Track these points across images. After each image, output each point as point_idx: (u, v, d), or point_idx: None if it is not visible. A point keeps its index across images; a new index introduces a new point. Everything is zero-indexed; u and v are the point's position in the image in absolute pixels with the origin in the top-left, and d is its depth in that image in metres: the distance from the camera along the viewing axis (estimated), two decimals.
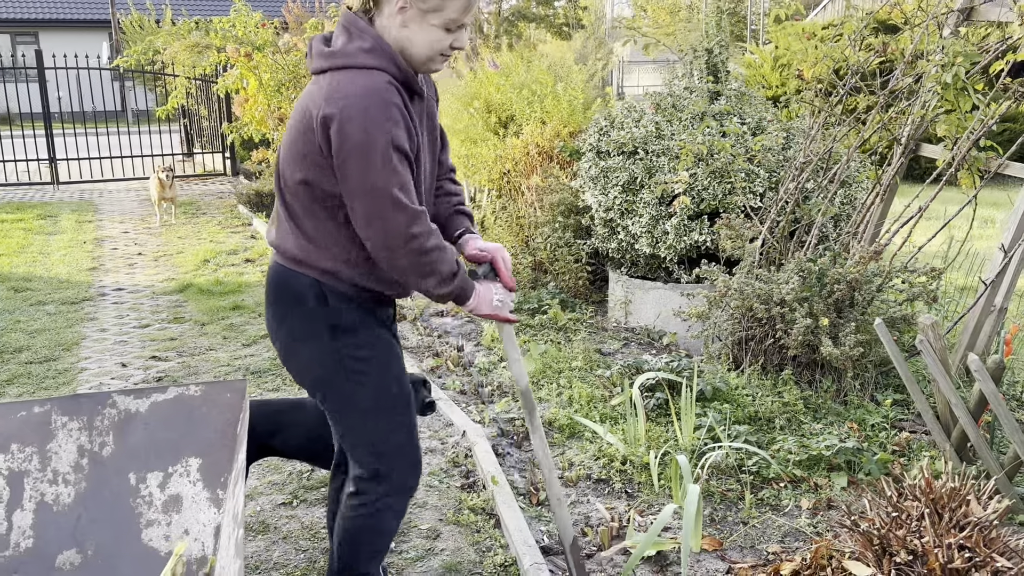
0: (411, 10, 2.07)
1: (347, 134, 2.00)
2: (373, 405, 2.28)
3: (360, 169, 2.01)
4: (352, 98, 2.01)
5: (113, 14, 24.97)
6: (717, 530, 3.05)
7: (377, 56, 2.07)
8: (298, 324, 2.23)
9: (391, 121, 2.01)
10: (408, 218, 2.04)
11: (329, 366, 2.24)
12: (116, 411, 2.31)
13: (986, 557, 2.24)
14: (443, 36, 2.11)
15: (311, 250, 2.17)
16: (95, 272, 7.38)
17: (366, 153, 2.00)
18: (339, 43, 2.10)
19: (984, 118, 3.92)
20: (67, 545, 2.18)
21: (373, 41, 2.08)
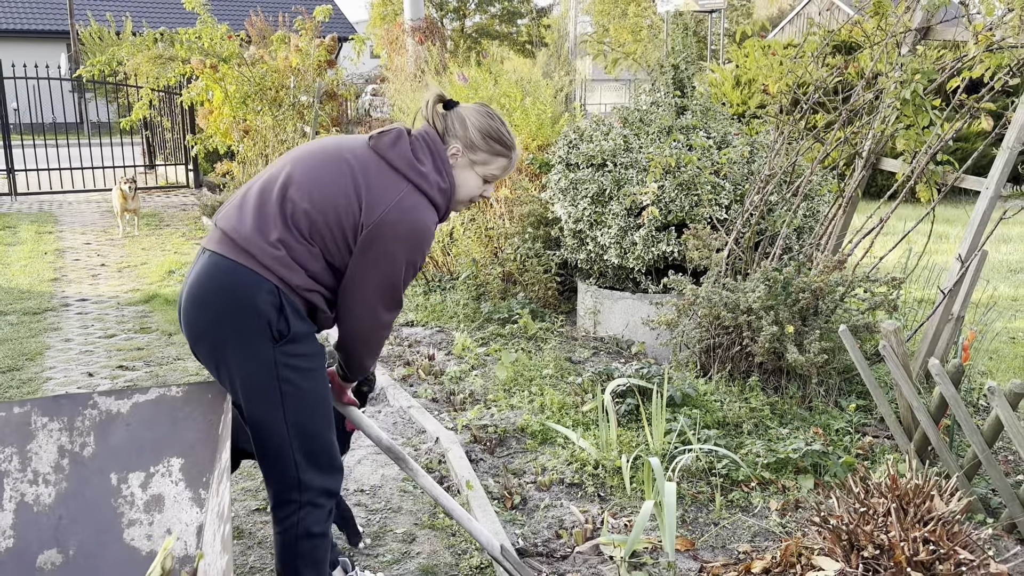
0: (461, 158, 2.37)
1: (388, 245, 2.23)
2: (301, 415, 2.29)
3: (381, 271, 2.25)
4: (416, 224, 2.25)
5: (72, 25, 24.69)
6: (689, 531, 3.11)
7: (444, 198, 2.35)
8: (242, 326, 2.20)
9: (423, 252, 2.31)
10: (396, 311, 2.36)
11: (264, 372, 2.23)
12: (97, 412, 2.31)
13: (949, 550, 2.33)
14: (481, 185, 2.42)
15: (286, 261, 2.20)
16: (57, 283, 7.29)
17: (393, 263, 2.25)
18: (428, 164, 2.31)
19: (941, 133, 4.07)
20: (48, 545, 2.17)
21: (449, 183, 2.36)
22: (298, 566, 2.39)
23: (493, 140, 2.37)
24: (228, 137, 10.69)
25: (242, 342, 2.21)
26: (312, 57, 10.30)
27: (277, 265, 2.20)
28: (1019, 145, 3.78)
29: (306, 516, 2.36)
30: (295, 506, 2.35)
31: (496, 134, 2.37)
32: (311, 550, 2.39)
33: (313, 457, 2.33)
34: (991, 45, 3.83)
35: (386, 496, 3.47)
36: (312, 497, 2.35)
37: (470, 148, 2.36)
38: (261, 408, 2.27)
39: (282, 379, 2.24)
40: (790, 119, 4.54)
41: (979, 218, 3.92)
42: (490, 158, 2.38)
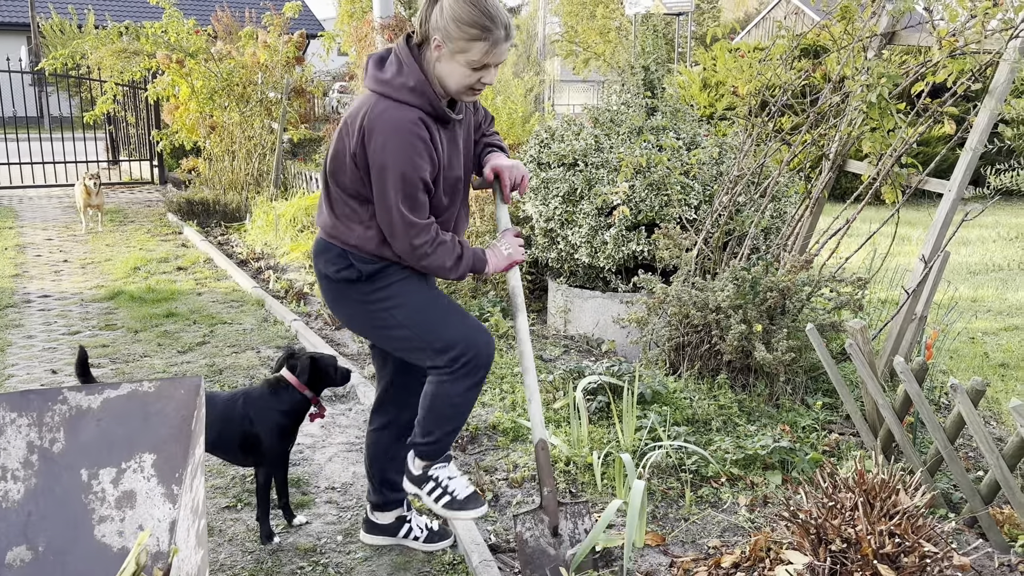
0: (444, 49, 2.40)
1: (376, 156, 2.39)
2: (414, 321, 2.57)
3: (380, 187, 2.42)
4: (387, 127, 2.38)
5: (33, 18, 24.27)
6: (659, 526, 3.14)
7: (417, 94, 2.41)
8: (331, 283, 2.61)
9: (414, 152, 2.38)
10: (413, 232, 2.44)
11: (363, 308, 2.61)
12: (67, 407, 2.28)
13: (914, 543, 2.38)
14: (470, 73, 2.43)
15: (339, 227, 2.55)
16: (18, 279, 7.17)
17: (385, 176, 2.40)
18: (390, 72, 2.43)
19: (906, 136, 4.14)
20: (17, 542, 2.14)
21: (416, 80, 2.41)
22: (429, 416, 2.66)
23: (466, 24, 2.35)
24: (194, 133, 10.58)
25: (335, 293, 2.64)
26: (280, 53, 10.23)
27: (334, 232, 2.56)
28: (981, 148, 3.86)
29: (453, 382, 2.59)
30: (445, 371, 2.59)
31: (470, 18, 2.35)
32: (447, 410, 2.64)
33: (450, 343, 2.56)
34: (954, 51, 3.91)
35: (357, 493, 3.46)
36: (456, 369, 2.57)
37: (448, 38, 2.38)
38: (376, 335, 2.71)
39: (377, 307, 2.58)
40: (759, 121, 4.60)
41: (942, 220, 4.00)
42: (467, 44, 2.38)
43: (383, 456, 2.96)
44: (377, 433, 2.95)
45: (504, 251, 2.70)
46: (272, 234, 8.49)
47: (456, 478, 2.77)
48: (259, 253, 8.12)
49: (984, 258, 8.36)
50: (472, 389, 2.64)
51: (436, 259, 2.51)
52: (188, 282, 7.04)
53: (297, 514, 3.23)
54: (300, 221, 8.40)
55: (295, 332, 5.55)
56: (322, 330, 5.65)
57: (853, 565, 2.40)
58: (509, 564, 2.92)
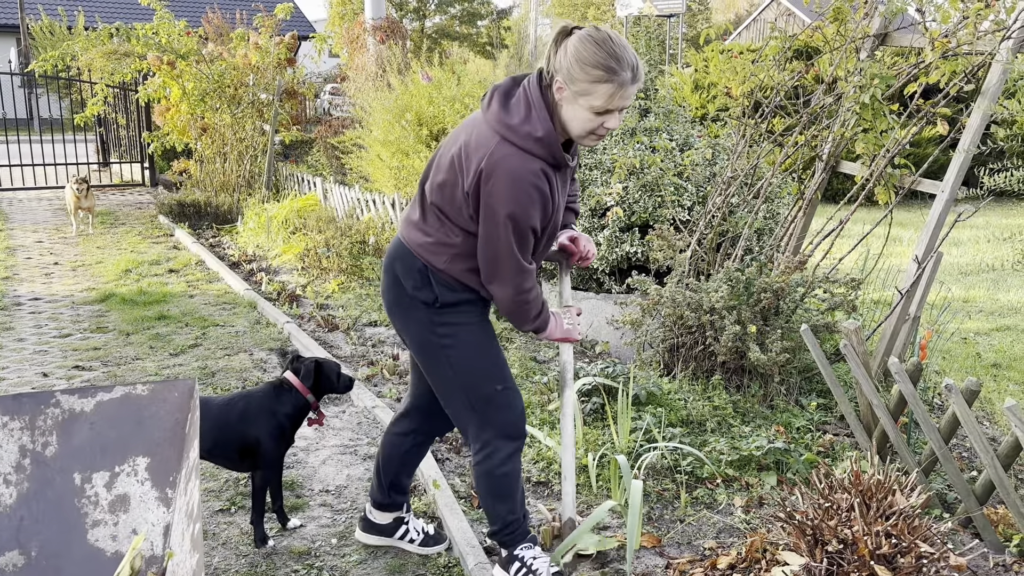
0: (566, 91, 2.28)
1: (492, 200, 2.30)
2: (466, 367, 2.55)
3: (491, 230, 2.34)
4: (508, 176, 2.28)
5: (22, 19, 24.13)
6: (655, 527, 3.14)
7: (543, 146, 2.30)
8: (403, 292, 2.54)
9: (531, 203, 2.30)
10: (521, 276, 2.40)
11: (423, 331, 2.54)
12: (60, 411, 2.26)
13: (911, 543, 2.38)
14: (593, 118, 2.29)
15: (429, 246, 2.48)
16: (8, 281, 7.12)
17: (498, 221, 2.31)
18: (516, 118, 2.31)
19: (899, 137, 4.15)
20: (9, 547, 2.12)
21: (545, 130, 2.30)
22: (488, 499, 2.69)
23: (591, 67, 2.21)
24: (185, 135, 10.54)
25: (405, 305, 2.56)
26: (272, 55, 10.20)
27: (422, 250, 2.49)
28: (974, 149, 3.87)
29: (491, 455, 2.60)
30: (479, 444, 2.62)
31: (594, 60, 2.20)
32: (498, 486, 2.64)
33: (482, 408, 2.58)
34: (946, 52, 3.92)
35: (351, 496, 3.45)
36: (490, 438, 2.60)
37: (570, 79, 2.24)
38: (429, 365, 2.60)
39: (440, 336, 2.53)
40: (751, 123, 4.60)
41: (935, 220, 4.01)
42: (590, 87, 2.22)
43: (398, 460, 2.95)
44: (399, 437, 2.93)
45: (565, 324, 2.65)
46: (264, 236, 8.46)
47: (540, 558, 2.74)
48: (251, 255, 8.09)
49: (976, 258, 8.40)
50: (511, 458, 2.65)
51: (531, 308, 2.48)
52: (180, 284, 7.01)
53: (291, 517, 3.21)
54: (292, 223, 8.37)
55: (288, 334, 5.53)
56: (314, 332, 5.63)
57: (850, 566, 2.40)
58: None
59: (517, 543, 2.72)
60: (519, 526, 2.72)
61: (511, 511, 2.69)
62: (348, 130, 9.90)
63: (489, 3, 39.30)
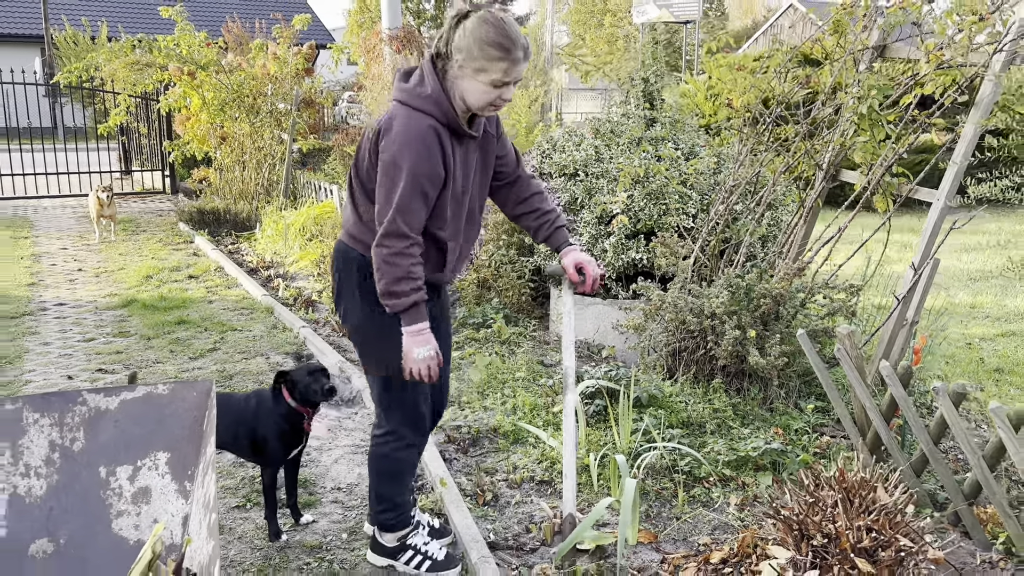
0: (466, 67, 2.53)
1: (387, 153, 2.53)
2: (387, 363, 2.74)
3: (386, 182, 2.54)
4: (401, 129, 2.52)
5: (47, 30, 24.57)
6: (652, 525, 3.26)
7: (431, 103, 2.54)
8: (345, 287, 2.76)
9: (421, 157, 2.51)
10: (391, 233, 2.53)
11: (363, 323, 2.76)
12: (86, 408, 2.42)
13: (891, 537, 2.49)
14: (490, 90, 2.54)
15: (361, 229, 2.69)
16: (34, 287, 7.33)
17: (391, 172, 2.52)
18: (412, 82, 2.59)
19: (896, 146, 4.25)
20: (39, 535, 2.28)
21: (433, 89, 2.55)
22: (380, 478, 2.92)
23: (488, 45, 2.48)
24: (205, 144, 10.76)
25: (347, 298, 2.77)
26: (290, 65, 10.41)
27: (356, 232, 2.70)
28: (968, 158, 3.97)
29: (391, 440, 2.88)
30: (383, 429, 2.89)
31: (491, 39, 2.47)
32: (392, 468, 2.91)
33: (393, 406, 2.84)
34: (941, 64, 4.02)
35: (361, 494, 3.59)
36: (396, 426, 2.86)
37: (470, 57, 2.50)
38: (362, 352, 2.83)
39: (379, 328, 2.71)
40: (753, 132, 4.72)
41: (931, 228, 4.11)
42: (488, 64, 2.49)
43: None
44: None
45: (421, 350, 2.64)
46: (281, 243, 8.64)
47: (431, 542, 3.01)
48: (268, 262, 8.28)
49: (985, 265, 8.44)
50: (408, 448, 2.90)
51: (389, 270, 2.54)
52: (199, 290, 7.20)
53: (304, 513, 3.36)
54: (309, 230, 8.55)
55: (303, 339, 5.69)
56: (329, 336, 5.79)
57: (833, 559, 2.51)
58: (507, 561, 3.04)
59: (401, 528, 2.97)
60: (405, 510, 2.98)
61: (400, 494, 2.94)
62: None
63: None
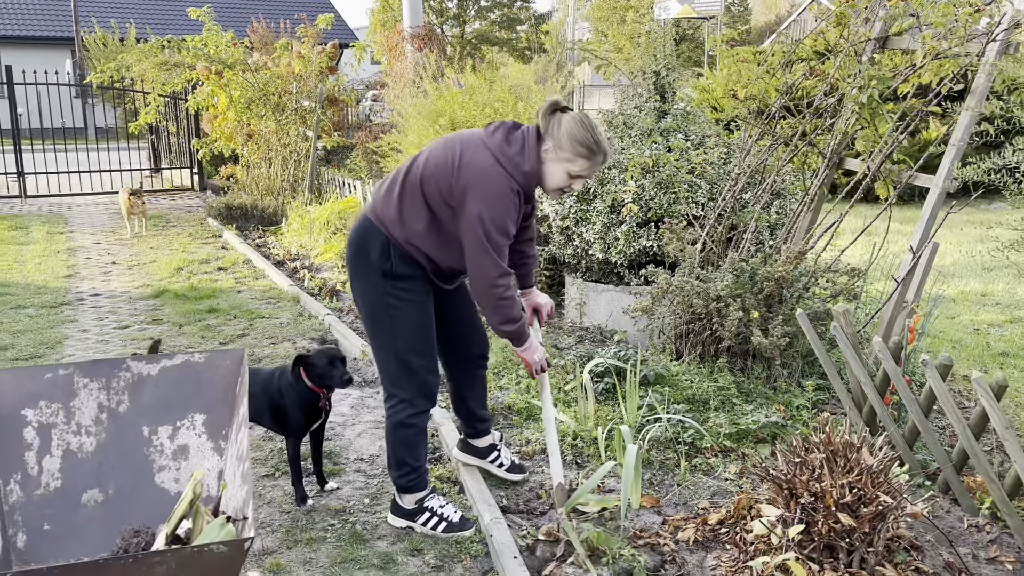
0: (552, 154, 2.92)
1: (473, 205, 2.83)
2: (395, 335, 3.04)
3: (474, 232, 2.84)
4: (493, 188, 2.84)
5: (77, 32, 25.07)
6: (655, 491, 3.45)
7: (525, 177, 2.90)
8: (366, 261, 3.02)
9: (507, 213, 2.87)
10: (497, 272, 2.89)
11: (376, 296, 3.03)
12: (130, 374, 2.66)
13: (873, 495, 2.67)
14: (566, 179, 2.95)
15: (399, 225, 2.97)
16: (71, 279, 7.64)
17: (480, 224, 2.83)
18: (514, 148, 2.89)
19: (896, 135, 4.41)
20: (90, 486, 2.52)
21: (530, 167, 2.90)
22: (395, 446, 3.17)
23: (578, 143, 2.87)
24: (232, 141, 11.06)
25: (363, 274, 3.04)
26: (314, 63, 10.67)
27: (390, 225, 2.98)
28: (964, 144, 4.12)
29: (403, 409, 3.12)
30: (393, 400, 3.14)
31: (582, 139, 2.87)
32: (405, 435, 3.14)
33: (401, 380, 3.10)
34: (938, 54, 4.18)
35: (382, 464, 3.81)
36: (405, 396, 3.11)
37: (559, 147, 2.89)
38: (371, 328, 3.08)
39: (388, 306, 3.01)
40: (759, 122, 4.89)
41: (928, 212, 4.26)
42: (574, 157, 2.89)
43: (460, 398, 3.53)
44: (450, 383, 3.52)
45: (537, 357, 3.18)
46: (307, 236, 8.90)
47: (446, 506, 3.25)
48: (294, 254, 8.54)
49: (1000, 253, 8.51)
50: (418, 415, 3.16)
51: (504, 304, 2.93)
52: (228, 281, 7.47)
53: (329, 480, 3.59)
54: (333, 224, 8.80)
55: (328, 325, 5.93)
56: (353, 323, 6.02)
57: (818, 515, 2.69)
58: (517, 523, 3.25)
59: (418, 490, 3.21)
60: (421, 474, 3.22)
61: (416, 457, 3.19)
62: (386, 135, 10.33)
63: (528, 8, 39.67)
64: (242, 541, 1.90)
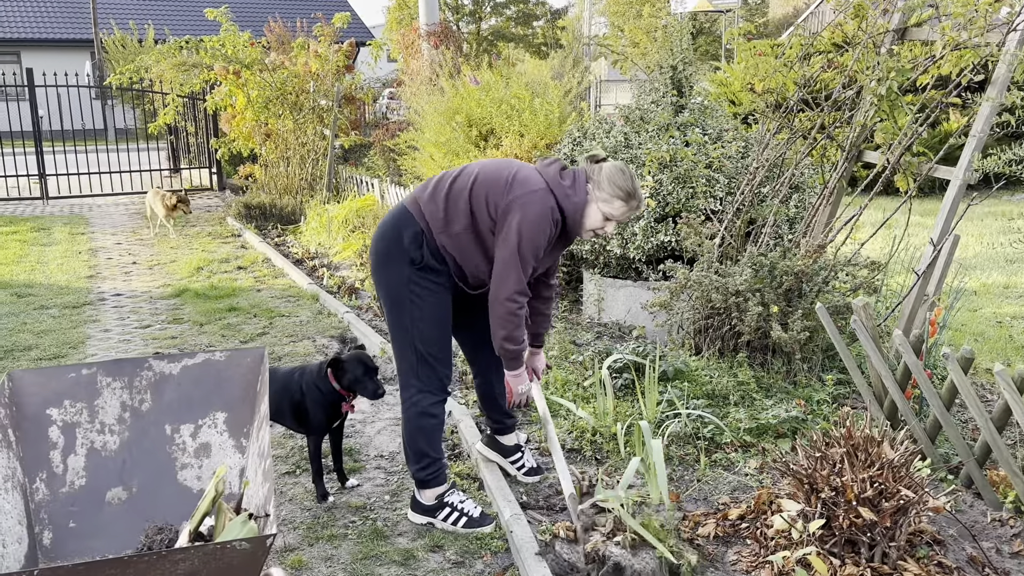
0: (593, 194, 3.09)
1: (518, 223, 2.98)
2: (418, 326, 3.12)
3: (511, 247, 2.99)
4: (539, 212, 2.99)
5: (96, 34, 25.29)
6: (675, 486, 3.45)
7: (571, 208, 3.06)
8: (397, 246, 3.10)
9: (543, 234, 3.01)
10: (518, 290, 3.02)
11: (400, 284, 3.10)
12: (152, 373, 2.68)
13: (894, 489, 2.65)
14: (601, 220, 3.11)
15: (438, 221, 3.08)
16: (93, 279, 7.71)
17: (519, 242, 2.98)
18: (567, 184, 3.08)
19: (915, 126, 4.37)
20: (114, 484, 2.55)
21: (580, 201, 3.08)
22: (414, 436, 3.21)
23: (616, 187, 3.06)
24: (250, 141, 11.12)
25: (391, 260, 3.11)
26: (331, 62, 10.71)
27: (429, 218, 3.09)
28: (984, 136, 4.08)
29: (419, 401, 3.18)
30: (409, 391, 3.20)
31: (621, 184, 3.06)
32: (422, 427, 3.20)
33: (418, 367, 3.16)
34: (958, 45, 4.14)
35: (402, 461, 3.82)
36: (421, 387, 3.18)
37: (599, 188, 3.08)
38: (392, 315, 3.15)
39: (412, 294, 3.10)
40: (777, 115, 4.86)
41: (949, 204, 4.22)
42: (611, 199, 3.07)
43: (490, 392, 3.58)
44: (478, 380, 3.60)
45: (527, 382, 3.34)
46: (325, 235, 8.94)
47: (466, 501, 3.28)
48: (313, 253, 8.58)
49: (1022, 244, 8.43)
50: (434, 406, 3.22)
51: (515, 321, 3.05)
52: (248, 280, 7.52)
53: (349, 477, 3.61)
54: (351, 222, 8.83)
55: (347, 323, 5.95)
56: (371, 321, 6.05)
57: (839, 509, 2.68)
58: (537, 519, 3.25)
59: (438, 484, 3.25)
60: (440, 466, 3.27)
61: (434, 449, 3.25)
62: (403, 133, 10.35)
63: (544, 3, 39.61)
64: (264, 538, 1.92)
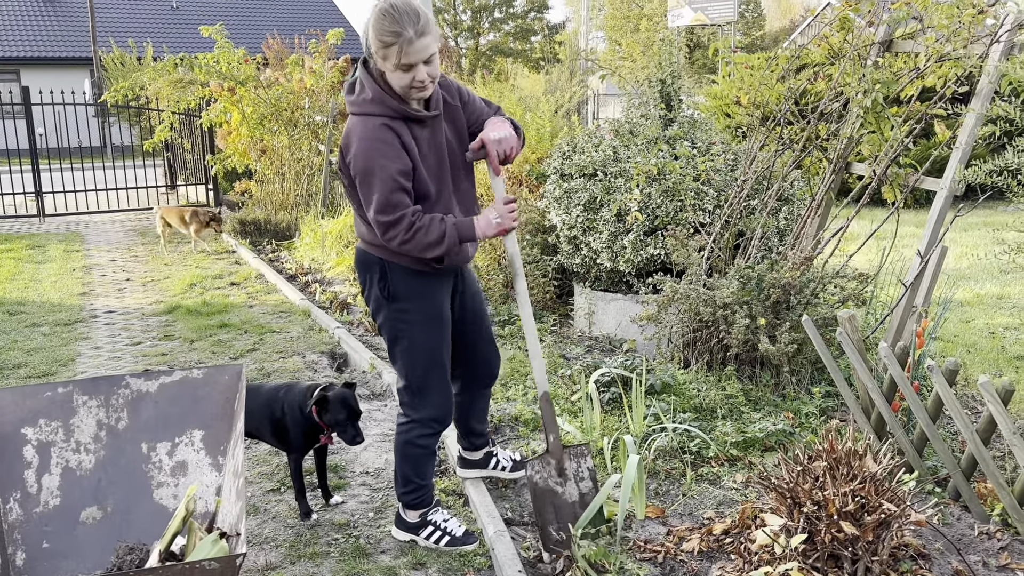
0: (380, 64, 2.73)
1: (354, 164, 2.75)
2: (407, 359, 3.04)
3: (362, 191, 2.77)
4: (357, 137, 2.74)
5: (95, 52, 25.40)
6: (660, 501, 3.43)
7: (375, 104, 2.75)
8: (368, 288, 3.01)
9: (380, 154, 2.71)
10: (384, 228, 2.75)
11: (388, 323, 3.03)
12: (129, 391, 2.67)
13: (876, 502, 2.63)
14: (403, 75, 2.71)
15: (372, 235, 2.90)
16: (86, 296, 7.71)
17: (363, 180, 2.75)
18: (356, 92, 2.80)
19: (901, 138, 4.37)
20: (89, 503, 2.53)
21: (373, 91, 2.75)
22: (403, 461, 3.16)
23: (381, 35, 2.65)
24: (246, 157, 11.14)
25: (372, 298, 3.02)
26: (326, 78, 10.73)
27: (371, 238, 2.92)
28: (970, 147, 4.08)
29: (413, 429, 3.12)
30: (406, 418, 3.14)
31: (382, 29, 2.64)
32: (412, 455, 3.14)
33: (416, 392, 3.09)
34: (942, 57, 4.14)
35: (388, 477, 3.81)
36: (419, 417, 3.10)
37: (376, 51, 2.70)
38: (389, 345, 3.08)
39: (397, 329, 3.01)
40: (764, 129, 4.86)
41: (936, 215, 4.22)
42: (386, 52, 2.66)
43: (463, 414, 3.50)
44: (459, 397, 3.44)
45: (493, 220, 2.90)
46: (319, 250, 8.94)
47: (450, 520, 3.24)
48: (307, 268, 8.58)
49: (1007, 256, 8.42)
50: (428, 436, 3.14)
51: (416, 244, 2.78)
52: (240, 296, 7.51)
53: (334, 495, 3.59)
54: (345, 237, 8.83)
55: (338, 339, 5.94)
56: (363, 336, 6.03)
57: (821, 524, 2.66)
58: (521, 535, 3.23)
59: (423, 506, 3.21)
60: (426, 492, 3.21)
61: (422, 476, 3.19)
62: None
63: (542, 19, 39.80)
64: (233, 557, 1.90)
